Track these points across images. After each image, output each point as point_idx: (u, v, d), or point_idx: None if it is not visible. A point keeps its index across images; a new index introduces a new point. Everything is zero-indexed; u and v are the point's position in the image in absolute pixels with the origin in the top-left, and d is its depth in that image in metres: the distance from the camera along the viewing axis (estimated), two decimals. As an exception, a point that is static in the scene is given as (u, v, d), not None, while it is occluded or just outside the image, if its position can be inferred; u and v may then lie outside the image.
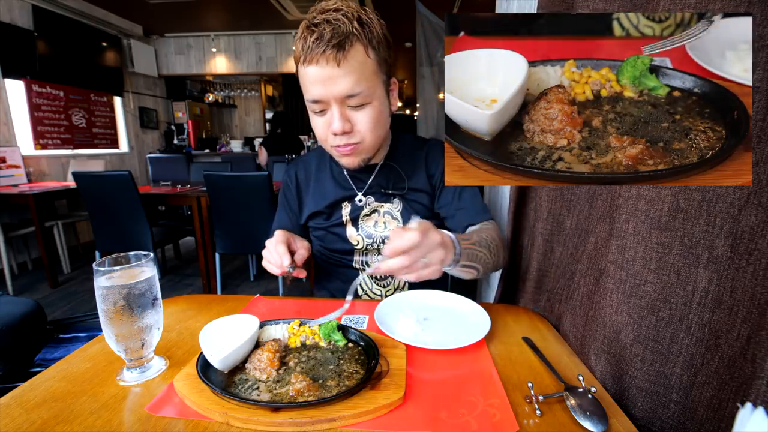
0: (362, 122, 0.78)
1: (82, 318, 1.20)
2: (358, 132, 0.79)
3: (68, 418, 0.47)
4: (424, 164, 0.93)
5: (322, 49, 0.69)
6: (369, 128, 0.79)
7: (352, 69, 0.72)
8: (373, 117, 0.78)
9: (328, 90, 0.73)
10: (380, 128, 0.82)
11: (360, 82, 0.73)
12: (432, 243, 0.61)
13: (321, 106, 0.76)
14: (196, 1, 4.32)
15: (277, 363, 0.53)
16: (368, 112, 0.77)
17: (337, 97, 0.73)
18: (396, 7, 4.19)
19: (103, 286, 0.53)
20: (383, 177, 0.93)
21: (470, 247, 0.72)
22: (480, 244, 0.76)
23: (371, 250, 0.94)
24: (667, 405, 0.53)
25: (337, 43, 0.69)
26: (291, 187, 1.02)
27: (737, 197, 0.45)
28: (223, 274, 3.09)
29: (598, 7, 0.61)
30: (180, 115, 6.05)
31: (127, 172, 2.44)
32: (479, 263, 0.74)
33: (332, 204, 0.94)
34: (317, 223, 0.98)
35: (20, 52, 3.64)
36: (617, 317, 0.56)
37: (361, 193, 0.93)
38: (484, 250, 0.76)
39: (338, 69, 0.71)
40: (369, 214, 0.93)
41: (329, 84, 0.72)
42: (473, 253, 0.73)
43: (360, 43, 0.72)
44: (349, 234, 0.95)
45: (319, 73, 0.72)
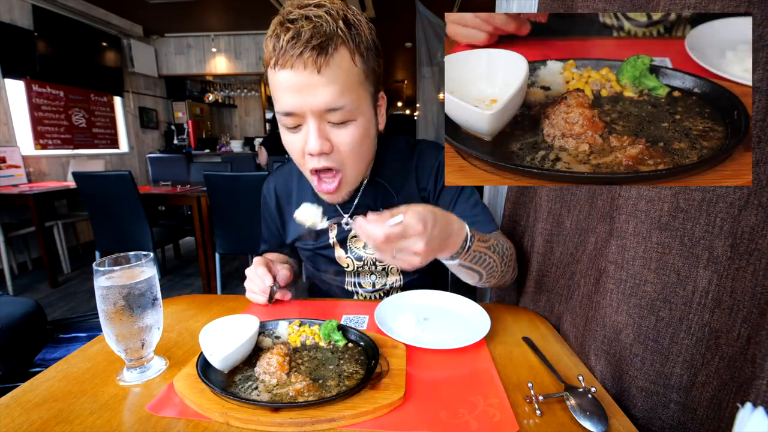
0: (344, 142, 0.66)
1: (82, 318, 1.20)
2: (338, 153, 0.67)
3: (68, 418, 0.47)
4: (415, 175, 0.83)
5: (299, 50, 0.58)
6: (351, 151, 0.67)
7: (334, 77, 0.60)
8: (357, 137, 0.67)
9: (304, 101, 0.61)
10: (364, 151, 0.71)
11: (344, 94, 0.62)
12: (406, 244, 0.52)
13: (295, 120, 0.64)
14: (196, 1, 4.33)
15: (287, 367, 0.53)
16: (351, 130, 0.66)
17: (315, 110, 0.62)
18: (396, 7, 4.20)
19: (103, 286, 0.53)
20: (370, 196, 0.82)
21: (481, 250, 0.65)
22: (494, 249, 0.68)
23: (363, 271, 0.88)
24: (667, 405, 0.53)
25: (318, 44, 0.58)
26: (270, 204, 0.93)
27: (737, 197, 0.45)
28: (223, 274, 3.09)
29: (598, 7, 0.61)
30: (180, 115, 6.05)
31: (127, 172, 2.44)
32: (484, 268, 0.67)
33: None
34: (304, 244, 0.90)
35: (20, 52, 3.64)
36: (617, 317, 0.56)
37: (347, 215, 0.83)
38: (495, 257, 0.68)
39: (318, 76, 0.59)
40: (357, 236, 0.84)
41: (306, 94, 0.61)
42: (480, 256, 0.65)
43: (345, 47, 0.61)
44: (338, 256, 0.87)
45: (294, 79, 0.60)
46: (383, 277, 0.88)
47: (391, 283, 0.89)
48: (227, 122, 7.27)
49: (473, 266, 0.65)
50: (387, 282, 0.89)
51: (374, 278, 0.89)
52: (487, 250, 0.66)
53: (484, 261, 0.66)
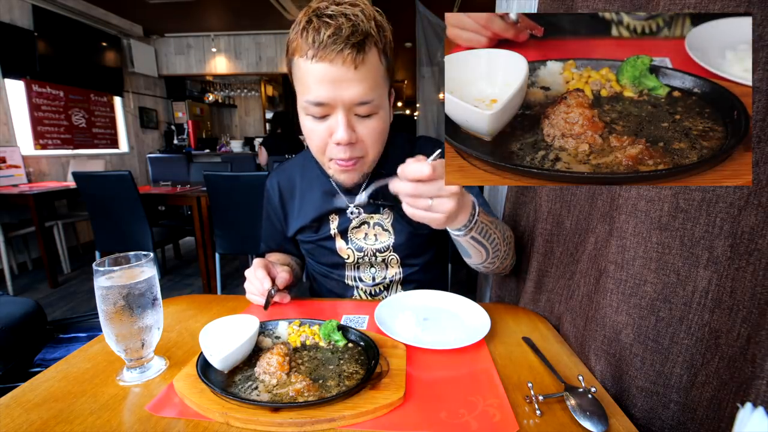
0: (368, 134, 0.71)
1: (82, 318, 1.20)
2: (362, 144, 0.72)
3: (68, 418, 0.47)
4: None
5: (340, 46, 0.61)
6: (374, 140, 0.73)
7: (367, 74, 0.65)
8: (379, 129, 0.72)
9: (338, 93, 0.65)
10: (383, 141, 0.76)
11: (373, 90, 0.67)
12: (445, 188, 0.54)
13: (324, 110, 0.68)
14: (196, 1, 4.33)
15: (287, 367, 0.53)
16: (375, 122, 0.71)
17: (347, 102, 0.66)
18: (396, 7, 4.20)
19: (103, 286, 0.53)
20: (373, 187, 0.87)
21: (486, 223, 0.68)
22: (495, 224, 0.72)
23: (363, 263, 0.89)
24: (667, 405, 0.53)
25: (357, 42, 0.62)
26: (273, 197, 0.96)
27: (737, 197, 0.45)
28: (223, 274, 3.09)
29: (598, 7, 0.61)
30: (180, 115, 6.05)
31: (127, 172, 2.44)
32: (489, 243, 0.70)
33: (319, 217, 0.89)
34: (306, 237, 0.92)
35: (20, 52, 3.64)
36: (617, 317, 0.56)
37: (353, 205, 0.87)
38: (498, 233, 0.72)
39: (354, 72, 0.63)
40: (358, 227, 0.87)
41: (341, 87, 0.64)
42: (486, 229, 0.68)
43: (376, 46, 0.66)
44: (339, 247, 0.89)
45: (333, 73, 0.63)
46: (383, 269, 0.89)
47: (391, 276, 0.90)
48: (227, 122, 7.28)
49: (482, 239, 0.68)
50: (387, 275, 0.90)
51: (374, 271, 0.90)
52: (491, 225, 0.70)
53: (490, 236, 0.69)
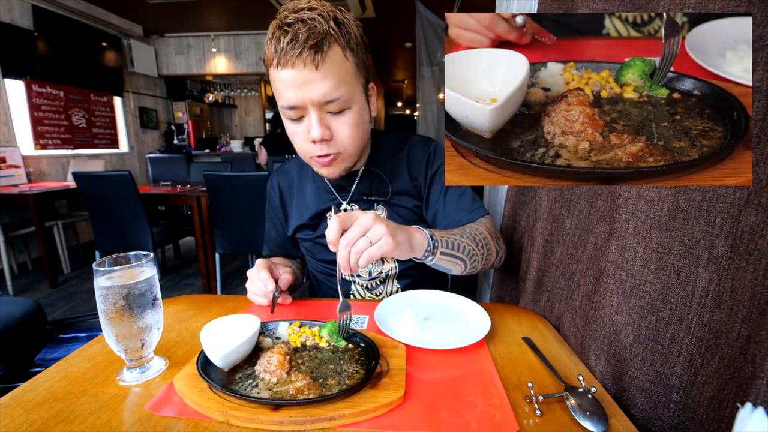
0: (342, 129, 0.74)
1: (82, 318, 1.20)
2: (338, 139, 0.75)
3: (68, 418, 0.47)
4: (406, 165, 0.90)
5: (298, 50, 0.65)
6: (349, 135, 0.75)
7: (330, 72, 0.68)
8: (353, 123, 0.74)
9: (305, 94, 0.68)
10: (361, 135, 0.78)
11: (339, 86, 0.69)
12: (361, 221, 0.59)
13: (298, 112, 0.72)
14: (196, 1, 4.33)
15: (288, 365, 0.53)
16: (348, 117, 0.74)
17: (315, 102, 0.69)
18: (396, 7, 4.20)
19: (103, 286, 0.53)
20: (365, 183, 0.89)
21: (449, 236, 0.71)
22: (462, 234, 0.75)
23: None
24: (667, 405, 0.53)
25: (314, 44, 0.65)
26: (274, 198, 0.99)
27: (737, 197, 0.45)
28: (223, 274, 3.09)
29: (598, 7, 0.61)
30: (180, 115, 6.04)
31: (127, 172, 2.44)
32: (462, 253, 0.73)
33: (316, 215, 0.92)
34: (305, 235, 0.95)
35: (20, 52, 3.64)
36: (617, 317, 0.56)
37: (345, 202, 0.90)
38: (467, 240, 0.75)
39: (316, 72, 0.67)
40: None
41: (307, 89, 0.68)
42: (454, 242, 0.72)
43: (338, 44, 0.68)
44: None
45: (295, 76, 0.67)
46: (379, 264, 0.91)
47: (387, 270, 0.91)
48: (227, 122, 7.27)
49: (453, 253, 0.73)
50: (383, 269, 0.91)
51: (370, 266, 0.92)
52: (457, 236, 0.74)
53: (459, 246, 0.73)
